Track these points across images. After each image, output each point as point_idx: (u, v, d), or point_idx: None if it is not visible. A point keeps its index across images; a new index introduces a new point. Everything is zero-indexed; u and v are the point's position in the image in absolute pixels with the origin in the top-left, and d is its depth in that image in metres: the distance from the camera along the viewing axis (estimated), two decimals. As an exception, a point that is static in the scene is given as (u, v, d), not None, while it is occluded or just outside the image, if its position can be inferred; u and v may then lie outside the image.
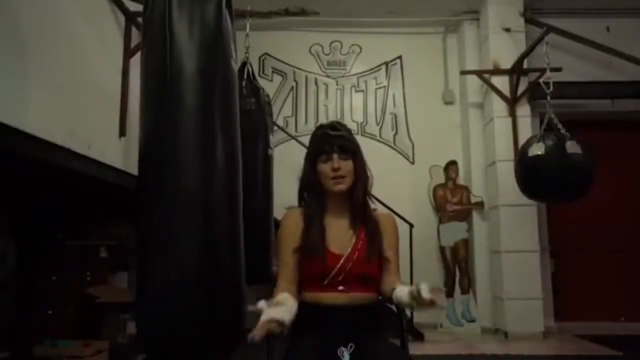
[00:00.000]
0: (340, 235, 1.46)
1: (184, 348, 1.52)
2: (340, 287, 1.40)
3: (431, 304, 1.19)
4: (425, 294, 1.18)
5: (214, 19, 1.66)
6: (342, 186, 1.46)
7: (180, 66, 1.59)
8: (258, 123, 2.93)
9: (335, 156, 1.45)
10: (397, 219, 1.73)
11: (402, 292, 1.32)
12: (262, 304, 1.23)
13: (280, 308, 1.27)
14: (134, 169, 1.86)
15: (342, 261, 1.41)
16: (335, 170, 1.44)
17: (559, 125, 3.48)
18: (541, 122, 3.61)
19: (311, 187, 1.51)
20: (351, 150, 1.48)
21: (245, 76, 2.99)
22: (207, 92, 1.61)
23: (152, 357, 1.66)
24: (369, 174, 1.52)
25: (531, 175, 3.55)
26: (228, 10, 1.75)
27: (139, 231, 1.61)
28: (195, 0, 1.65)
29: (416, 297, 1.21)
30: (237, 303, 1.64)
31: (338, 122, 1.58)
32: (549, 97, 3.51)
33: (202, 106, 1.60)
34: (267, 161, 2.97)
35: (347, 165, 1.46)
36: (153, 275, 1.53)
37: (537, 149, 3.39)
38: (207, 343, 1.54)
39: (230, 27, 1.77)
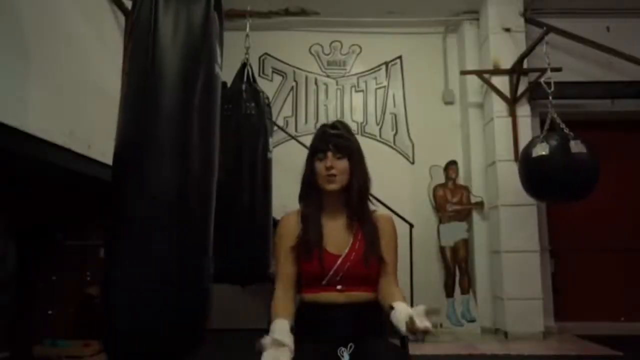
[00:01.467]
0: (337, 236, 1.46)
1: (156, 352, 1.47)
2: (339, 287, 1.40)
3: (425, 332, 1.20)
4: (420, 323, 1.19)
5: (200, 20, 1.61)
6: (334, 185, 1.45)
7: (161, 66, 1.54)
8: (257, 126, 2.91)
9: (329, 154, 1.45)
10: (397, 219, 1.73)
11: (398, 319, 1.28)
12: (265, 341, 1.23)
13: (281, 351, 1.21)
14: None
15: (339, 262, 1.41)
16: (328, 169, 1.44)
17: (562, 125, 3.47)
18: (541, 122, 3.61)
19: (309, 185, 1.51)
20: (347, 149, 1.47)
21: (245, 79, 2.96)
22: (187, 94, 1.56)
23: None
24: (367, 174, 1.51)
25: (536, 176, 3.53)
26: (217, 12, 1.71)
27: (106, 236, 1.53)
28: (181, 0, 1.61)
29: (410, 328, 1.21)
30: (205, 306, 1.60)
31: (339, 122, 1.56)
32: (551, 97, 3.51)
33: (180, 109, 1.54)
34: (267, 164, 2.96)
35: (340, 164, 1.45)
36: (123, 282, 1.44)
37: (541, 149, 3.38)
38: (178, 346, 1.49)
39: (218, 29, 1.72)
